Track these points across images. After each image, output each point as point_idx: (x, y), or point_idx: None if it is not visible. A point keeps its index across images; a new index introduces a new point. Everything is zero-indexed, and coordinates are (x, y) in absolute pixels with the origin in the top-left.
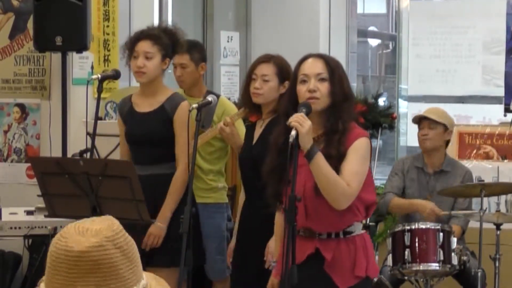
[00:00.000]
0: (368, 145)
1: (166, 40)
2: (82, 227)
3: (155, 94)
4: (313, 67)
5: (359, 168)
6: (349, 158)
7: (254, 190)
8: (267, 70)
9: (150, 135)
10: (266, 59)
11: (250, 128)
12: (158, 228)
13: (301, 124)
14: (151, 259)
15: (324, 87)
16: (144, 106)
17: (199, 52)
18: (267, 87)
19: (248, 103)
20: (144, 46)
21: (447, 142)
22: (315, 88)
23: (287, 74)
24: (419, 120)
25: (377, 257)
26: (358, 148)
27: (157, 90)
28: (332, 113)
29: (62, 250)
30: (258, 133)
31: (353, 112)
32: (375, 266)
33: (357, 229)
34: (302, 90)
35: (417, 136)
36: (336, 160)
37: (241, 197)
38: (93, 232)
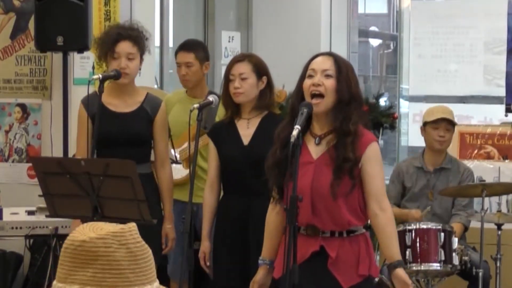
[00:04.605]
0: (379, 149)
1: (142, 40)
2: (97, 226)
3: (131, 94)
4: (321, 63)
5: (383, 181)
6: (373, 172)
7: (250, 189)
8: (243, 68)
9: (134, 135)
10: (241, 58)
11: (229, 127)
12: (172, 230)
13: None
14: None
15: (329, 83)
16: (121, 106)
17: (203, 51)
18: (246, 85)
19: (229, 105)
20: (126, 47)
21: None
22: (320, 82)
23: (263, 70)
24: (435, 120)
25: (377, 257)
26: (375, 156)
27: (133, 90)
28: (339, 112)
29: (69, 241)
30: (248, 132)
31: (364, 116)
32: (376, 265)
33: (360, 228)
34: (307, 83)
35: (426, 136)
36: (353, 164)
37: (208, 198)
38: (104, 230)
